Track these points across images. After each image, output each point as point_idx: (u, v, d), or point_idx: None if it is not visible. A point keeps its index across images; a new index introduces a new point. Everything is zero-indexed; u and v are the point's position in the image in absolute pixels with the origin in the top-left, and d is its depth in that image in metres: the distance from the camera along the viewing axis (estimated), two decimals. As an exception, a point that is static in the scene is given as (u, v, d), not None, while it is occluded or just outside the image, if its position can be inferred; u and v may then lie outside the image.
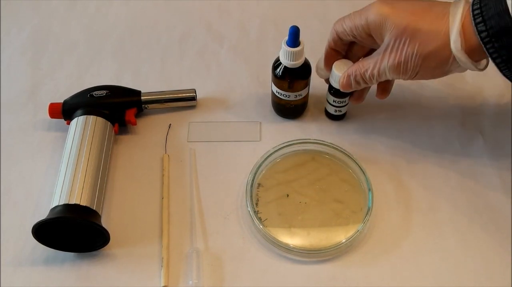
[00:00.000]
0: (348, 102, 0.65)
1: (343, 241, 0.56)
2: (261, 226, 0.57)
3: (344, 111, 0.67)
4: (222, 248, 0.58)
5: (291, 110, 0.67)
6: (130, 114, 0.66)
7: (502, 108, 0.69)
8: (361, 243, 0.58)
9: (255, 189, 0.61)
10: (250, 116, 0.69)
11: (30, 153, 0.66)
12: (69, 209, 0.54)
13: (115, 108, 0.65)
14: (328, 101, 0.66)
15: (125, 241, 0.58)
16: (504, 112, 0.69)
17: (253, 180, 0.61)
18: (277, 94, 0.64)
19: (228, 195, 0.62)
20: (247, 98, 0.71)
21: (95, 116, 0.63)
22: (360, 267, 0.56)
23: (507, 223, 0.59)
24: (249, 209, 0.59)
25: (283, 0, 0.84)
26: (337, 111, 0.66)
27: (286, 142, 0.64)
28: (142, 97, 0.67)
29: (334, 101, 0.65)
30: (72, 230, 0.56)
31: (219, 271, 0.56)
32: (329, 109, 0.67)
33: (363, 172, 0.61)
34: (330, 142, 0.64)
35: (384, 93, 0.62)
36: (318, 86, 0.68)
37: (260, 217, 0.59)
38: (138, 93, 0.68)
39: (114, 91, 0.66)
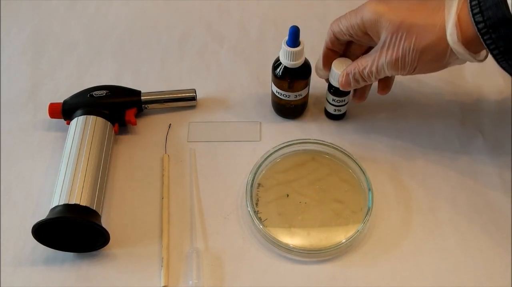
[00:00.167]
0: (348, 101, 0.65)
1: (343, 241, 0.56)
2: (261, 226, 0.57)
3: (343, 111, 0.67)
4: (222, 248, 0.58)
5: (291, 110, 0.67)
6: (130, 114, 0.66)
7: (502, 107, 0.69)
8: (361, 243, 0.58)
9: (255, 189, 0.61)
10: (250, 116, 0.69)
11: (30, 153, 0.66)
12: (69, 209, 0.54)
13: (115, 108, 0.65)
14: (328, 100, 0.66)
15: (125, 241, 0.58)
16: (504, 111, 0.69)
17: (253, 180, 0.61)
18: (277, 94, 0.64)
19: (228, 195, 0.62)
20: (247, 98, 0.71)
21: (95, 116, 0.63)
22: (360, 267, 0.56)
23: (507, 223, 0.59)
24: (249, 209, 0.59)
25: (283, 0, 0.84)
26: (336, 111, 0.66)
27: (286, 142, 0.64)
28: (142, 97, 0.67)
29: (333, 100, 0.65)
30: (72, 230, 0.56)
31: (219, 271, 0.56)
32: (328, 108, 0.67)
33: (363, 172, 0.61)
34: (330, 142, 0.64)
35: (385, 89, 0.63)
36: (318, 86, 0.68)
37: (260, 217, 0.59)
38: (138, 93, 0.68)
39: (114, 91, 0.66)
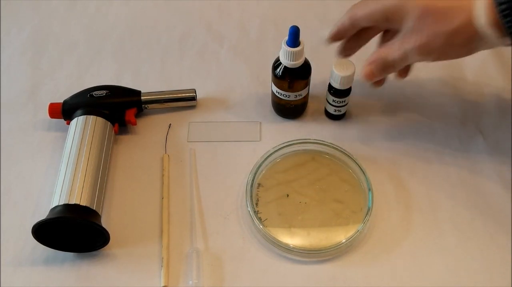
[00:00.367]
0: (348, 102, 0.65)
1: (343, 241, 0.56)
2: (261, 226, 0.57)
3: (343, 111, 0.67)
4: (222, 248, 0.58)
5: (291, 110, 0.67)
6: (130, 114, 0.66)
7: (502, 107, 0.69)
8: (361, 243, 0.58)
9: (255, 189, 0.61)
10: (250, 116, 0.69)
11: (30, 153, 0.66)
12: (69, 209, 0.54)
13: (115, 108, 0.65)
14: (328, 100, 0.66)
15: (125, 241, 0.58)
16: (504, 111, 0.69)
17: (253, 180, 0.61)
18: (277, 94, 0.64)
19: (228, 195, 0.62)
20: (247, 98, 0.71)
21: (95, 116, 0.63)
22: (360, 267, 0.56)
23: (507, 223, 0.59)
24: (249, 209, 0.59)
25: (283, 0, 0.84)
26: (336, 111, 0.66)
27: (286, 142, 0.64)
28: (142, 97, 0.67)
29: (333, 100, 0.65)
30: (72, 230, 0.56)
31: (219, 271, 0.56)
32: (329, 108, 0.67)
33: (363, 172, 0.61)
34: (330, 142, 0.64)
35: (404, 73, 0.61)
36: (318, 86, 0.68)
37: (260, 217, 0.59)
38: (138, 93, 0.68)
39: (114, 91, 0.66)
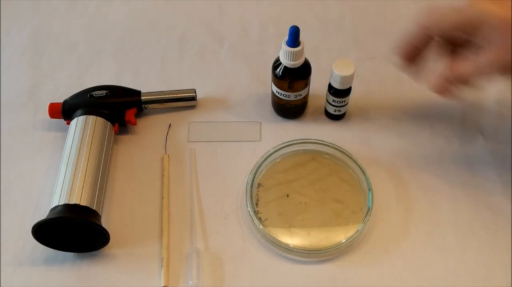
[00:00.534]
0: (348, 102, 0.65)
1: (343, 241, 0.56)
2: (261, 226, 0.57)
3: (343, 111, 0.67)
4: (222, 248, 0.58)
5: (291, 110, 0.67)
6: (130, 114, 0.66)
7: (502, 107, 0.69)
8: (361, 243, 0.58)
9: (255, 189, 0.61)
10: (250, 116, 0.69)
11: (30, 153, 0.66)
12: (69, 209, 0.54)
13: (115, 108, 0.65)
14: (328, 100, 0.66)
15: (125, 241, 0.58)
16: (504, 111, 0.69)
17: (253, 180, 0.61)
18: (277, 94, 0.64)
19: (228, 195, 0.62)
20: (247, 98, 0.71)
21: (95, 116, 0.63)
22: (360, 267, 0.56)
23: (507, 223, 0.59)
24: (249, 209, 0.59)
25: (283, 0, 0.84)
26: (336, 111, 0.66)
27: (286, 142, 0.64)
28: (142, 97, 0.67)
29: (334, 100, 0.65)
30: (72, 230, 0.56)
31: (219, 271, 0.56)
32: (329, 108, 0.67)
33: (363, 172, 0.61)
34: (330, 142, 0.64)
35: (476, 86, 0.56)
36: (318, 86, 0.68)
37: (260, 217, 0.59)
38: (138, 93, 0.68)
39: (114, 91, 0.66)
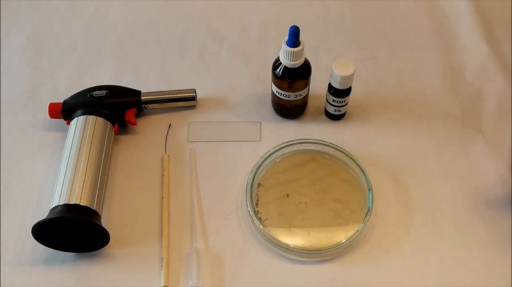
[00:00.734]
0: (348, 102, 0.65)
1: (343, 241, 0.56)
2: (261, 226, 0.57)
3: (343, 111, 0.67)
4: (222, 248, 0.58)
5: (291, 110, 0.67)
6: (130, 114, 0.66)
7: (502, 107, 0.69)
8: (361, 243, 0.58)
9: (255, 189, 0.61)
10: (250, 116, 0.69)
11: (30, 153, 0.66)
12: (69, 209, 0.54)
13: (115, 108, 0.65)
14: (328, 100, 0.66)
15: (125, 241, 0.58)
16: (504, 111, 0.69)
17: (253, 180, 0.61)
18: (277, 94, 0.64)
19: (228, 195, 0.62)
20: (247, 98, 0.71)
21: (95, 116, 0.63)
22: (360, 267, 0.56)
23: (507, 223, 0.59)
24: (249, 209, 0.59)
25: (283, 0, 0.84)
26: (336, 111, 0.66)
27: (286, 142, 0.64)
28: (142, 97, 0.67)
29: (334, 100, 0.65)
30: (72, 230, 0.56)
31: (219, 271, 0.56)
32: (329, 108, 0.67)
33: (363, 172, 0.61)
34: (330, 142, 0.64)
35: None
36: (318, 86, 0.68)
37: (260, 217, 0.59)
38: (138, 93, 0.68)
39: (114, 91, 0.66)
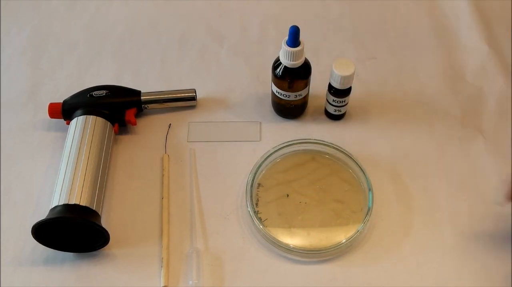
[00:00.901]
0: (348, 102, 0.65)
1: (343, 241, 0.56)
2: (261, 226, 0.57)
3: (343, 111, 0.67)
4: (222, 248, 0.58)
5: (291, 110, 0.67)
6: (130, 114, 0.66)
7: (502, 107, 0.69)
8: (361, 243, 0.58)
9: (255, 189, 0.61)
10: (250, 116, 0.69)
11: (30, 153, 0.66)
12: (69, 209, 0.54)
13: (115, 108, 0.65)
14: (328, 100, 0.66)
15: (125, 241, 0.58)
16: (504, 111, 0.69)
17: (253, 180, 0.61)
18: (277, 94, 0.64)
19: (228, 195, 0.62)
20: (247, 98, 0.71)
21: (95, 116, 0.63)
22: (360, 267, 0.56)
23: (507, 223, 0.59)
24: (249, 209, 0.59)
25: (283, 0, 0.84)
26: (337, 111, 0.66)
27: (286, 142, 0.64)
28: (142, 97, 0.67)
29: (334, 100, 0.65)
30: (72, 230, 0.56)
31: (219, 271, 0.56)
32: (329, 108, 0.67)
33: (363, 172, 0.61)
34: (330, 142, 0.64)
35: None
36: (318, 86, 0.68)
37: (260, 217, 0.59)
38: (138, 93, 0.68)
39: (114, 91, 0.66)
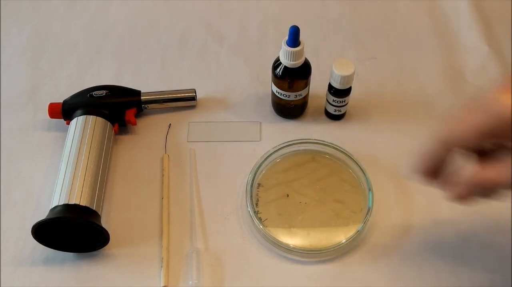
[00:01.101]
0: (348, 102, 0.65)
1: (343, 241, 0.56)
2: (261, 226, 0.57)
3: (343, 111, 0.67)
4: (222, 248, 0.58)
5: (291, 110, 0.67)
6: (130, 114, 0.66)
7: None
8: (361, 243, 0.58)
9: (255, 189, 0.61)
10: (250, 116, 0.69)
11: (30, 153, 0.66)
12: (68, 209, 0.54)
13: (115, 108, 0.65)
14: (328, 100, 0.66)
15: (125, 241, 0.58)
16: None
17: (253, 180, 0.61)
18: (277, 94, 0.64)
19: (228, 195, 0.62)
20: (247, 98, 0.71)
21: (95, 116, 0.63)
22: (360, 267, 0.56)
23: (507, 223, 0.59)
24: (249, 209, 0.59)
25: (283, 0, 0.84)
26: (337, 111, 0.66)
27: (286, 142, 0.64)
28: (142, 97, 0.67)
29: (334, 100, 0.65)
30: (72, 230, 0.56)
31: (219, 271, 0.56)
32: (329, 108, 0.67)
33: (363, 172, 0.61)
34: (330, 142, 0.64)
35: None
36: (318, 86, 0.68)
37: (260, 217, 0.59)
38: (138, 93, 0.68)
39: (114, 91, 0.66)
